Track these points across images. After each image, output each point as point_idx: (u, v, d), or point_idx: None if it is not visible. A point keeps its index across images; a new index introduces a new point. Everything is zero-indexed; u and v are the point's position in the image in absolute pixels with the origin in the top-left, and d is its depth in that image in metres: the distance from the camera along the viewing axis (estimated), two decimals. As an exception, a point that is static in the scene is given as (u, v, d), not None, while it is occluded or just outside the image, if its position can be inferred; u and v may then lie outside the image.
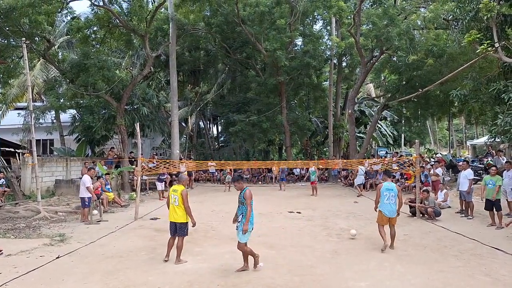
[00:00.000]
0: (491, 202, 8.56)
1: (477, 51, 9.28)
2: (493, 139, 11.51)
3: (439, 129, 45.95)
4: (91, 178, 10.01)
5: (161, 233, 8.15)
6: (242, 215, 5.42)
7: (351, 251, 6.74)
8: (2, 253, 6.44)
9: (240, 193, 5.48)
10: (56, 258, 6.24)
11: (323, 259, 6.26)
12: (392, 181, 7.24)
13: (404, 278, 5.26)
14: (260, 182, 20.57)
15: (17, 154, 16.13)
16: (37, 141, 19.53)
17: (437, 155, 22.24)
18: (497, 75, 10.37)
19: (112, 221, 9.73)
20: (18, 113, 19.29)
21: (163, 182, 14.65)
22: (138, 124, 11.09)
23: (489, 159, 16.25)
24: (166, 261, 6.00)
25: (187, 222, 6.00)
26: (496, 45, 9.07)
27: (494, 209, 8.50)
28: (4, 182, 12.83)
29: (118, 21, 15.86)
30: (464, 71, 11.46)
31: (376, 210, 6.94)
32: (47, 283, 5.09)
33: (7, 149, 17.56)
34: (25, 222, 9.40)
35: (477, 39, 9.15)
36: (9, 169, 14.05)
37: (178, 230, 5.97)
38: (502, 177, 8.96)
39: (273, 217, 10.22)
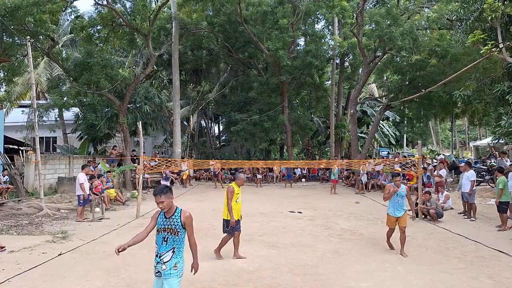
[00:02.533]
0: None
1: (481, 51, 9.23)
2: (496, 141, 11.47)
3: (441, 130, 45.80)
4: (88, 175, 10.03)
5: (162, 232, 8.17)
6: (174, 252, 3.38)
7: (352, 251, 6.72)
8: (5, 249, 6.48)
9: (172, 216, 3.42)
10: (58, 255, 6.27)
11: (324, 259, 6.26)
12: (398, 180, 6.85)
13: (406, 279, 5.24)
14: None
15: (20, 152, 16.22)
16: (41, 138, 19.68)
17: (439, 156, 22.16)
18: (501, 76, 10.31)
19: (114, 219, 9.77)
20: (22, 111, 19.41)
21: (169, 180, 14.71)
22: (140, 122, 11.12)
23: (492, 161, 16.16)
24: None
25: (228, 220, 6.05)
26: (501, 45, 9.03)
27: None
28: (8, 179, 12.91)
29: (121, 20, 15.91)
30: (468, 72, 11.39)
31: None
32: (49, 280, 5.11)
33: (11, 146, 17.67)
34: (27, 219, 9.46)
35: (481, 40, 9.11)
36: (12, 166, 14.13)
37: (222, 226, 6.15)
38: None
39: (274, 217, 10.23)
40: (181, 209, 3.49)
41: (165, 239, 3.41)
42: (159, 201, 3.37)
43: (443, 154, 26.15)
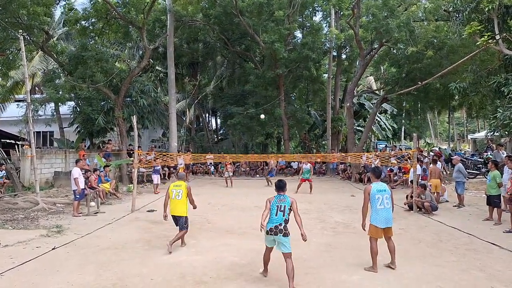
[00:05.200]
0: (488, 197, 8.55)
1: (477, 43, 9.15)
2: (492, 133, 11.47)
3: (440, 122, 45.75)
4: (83, 169, 9.99)
5: (157, 225, 8.18)
6: None
7: (345, 244, 6.75)
8: (-1, 244, 6.49)
9: None
10: (52, 249, 6.27)
11: (317, 252, 6.28)
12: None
13: (397, 272, 5.27)
14: (257, 175, 20.63)
15: (16, 146, 16.14)
16: (37, 133, 19.57)
17: (434, 149, 22.18)
18: (497, 68, 10.26)
19: (109, 213, 9.77)
20: (17, 105, 19.27)
21: (159, 175, 14.63)
22: (134, 116, 11.07)
23: (489, 153, 16.19)
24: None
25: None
26: (497, 37, 8.95)
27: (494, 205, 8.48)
28: (4, 174, 12.87)
29: (115, 12, 15.69)
30: (465, 64, 11.32)
31: (364, 227, 5.42)
32: (42, 274, 5.12)
33: (7, 141, 17.58)
34: (23, 213, 9.46)
35: (478, 31, 9.03)
36: (8, 160, 14.07)
37: None
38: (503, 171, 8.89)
39: (269, 210, 10.22)
40: None
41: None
42: None
43: (439, 147, 26.17)
